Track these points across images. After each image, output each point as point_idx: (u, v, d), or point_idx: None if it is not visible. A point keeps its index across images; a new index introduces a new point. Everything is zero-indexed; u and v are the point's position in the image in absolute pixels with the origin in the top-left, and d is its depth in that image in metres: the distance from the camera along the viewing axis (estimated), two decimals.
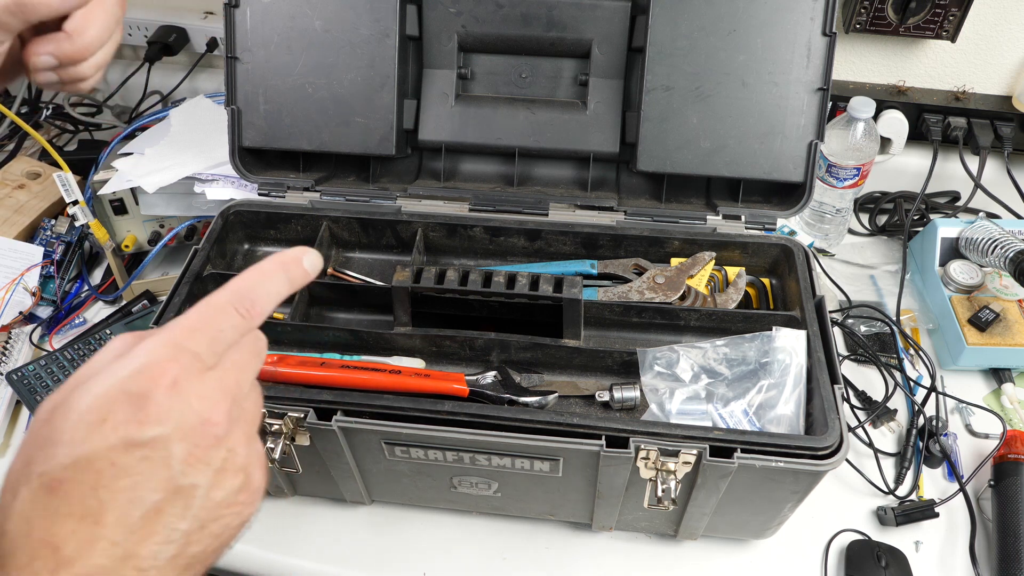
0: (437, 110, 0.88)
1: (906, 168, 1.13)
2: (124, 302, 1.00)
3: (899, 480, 0.84)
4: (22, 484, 0.32)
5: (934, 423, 0.85)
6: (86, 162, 1.03)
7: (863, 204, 1.15)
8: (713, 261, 0.82)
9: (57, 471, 0.31)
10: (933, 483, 0.84)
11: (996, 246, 0.90)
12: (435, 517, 0.81)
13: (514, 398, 0.70)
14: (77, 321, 0.99)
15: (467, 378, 0.71)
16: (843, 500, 0.83)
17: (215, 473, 0.34)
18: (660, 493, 0.64)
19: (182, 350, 0.35)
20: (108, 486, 0.32)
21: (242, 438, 0.36)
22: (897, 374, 0.91)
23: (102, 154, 0.98)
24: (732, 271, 0.83)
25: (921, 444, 0.85)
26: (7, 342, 0.93)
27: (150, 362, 0.34)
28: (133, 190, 0.95)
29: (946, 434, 0.86)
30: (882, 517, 0.80)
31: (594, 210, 0.85)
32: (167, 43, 1.22)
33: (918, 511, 0.79)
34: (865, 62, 1.11)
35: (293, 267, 0.41)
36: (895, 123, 1.09)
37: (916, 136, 1.10)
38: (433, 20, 0.86)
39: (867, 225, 1.13)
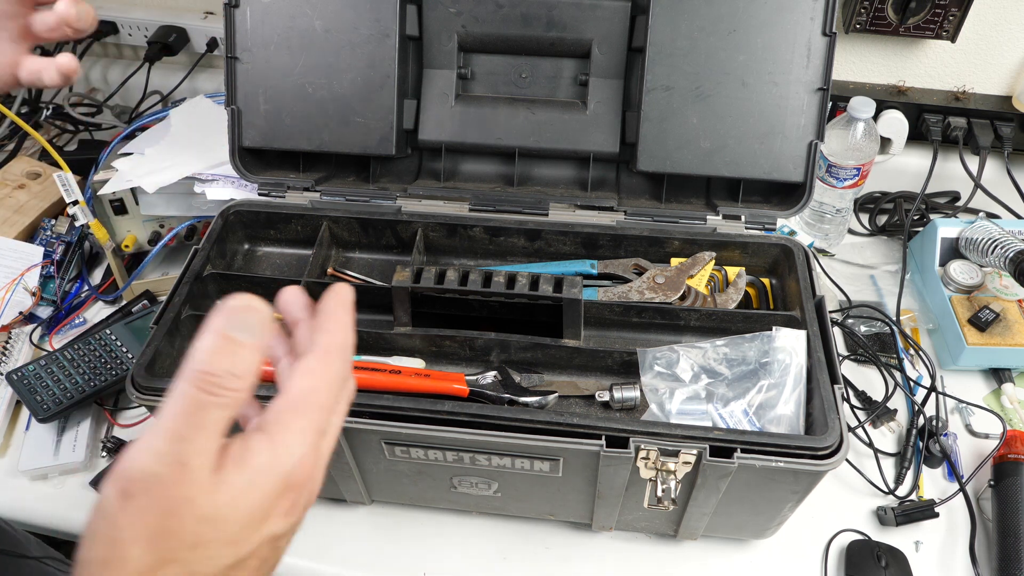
0: (437, 110, 0.88)
1: (906, 168, 1.13)
2: (124, 302, 1.00)
3: (899, 480, 0.84)
4: None
5: (934, 423, 0.85)
6: (86, 162, 1.03)
7: (863, 204, 1.15)
8: (713, 261, 0.82)
9: (221, 573, 0.34)
10: (933, 483, 0.84)
11: (996, 246, 0.90)
12: (435, 517, 0.81)
13: (514, 398, 0.70)
14: (77, 321, 0.99)
15: (467, 378, 0.71)
16: (843, 500, 0.83)
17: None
18: (660, 493, 0.64)
19: (318, 446, 0.37)
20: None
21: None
22: (897, 374, 0.91)
23: (102, 154, 0.98)
24: (732, 271, 0.83)
25: (921, 444, 0.85)
26: (7, 342, 0.93)
27: (303, 456, 0.36)
28: (133, 190, 0.95)
29: (946, 434, 0.86)
30: (882, 517, 0.80)
31: (594, 210, 0.85)
32: (167, 43, 1.22)
33: (918, 511, 0.79)
34: (865, 62, 1.11)
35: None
36: (895, 123, 1.09)
37: (916, 136, 1.10)
38: (433, 20, 0.86)
39: (867, 225, 1.13)
